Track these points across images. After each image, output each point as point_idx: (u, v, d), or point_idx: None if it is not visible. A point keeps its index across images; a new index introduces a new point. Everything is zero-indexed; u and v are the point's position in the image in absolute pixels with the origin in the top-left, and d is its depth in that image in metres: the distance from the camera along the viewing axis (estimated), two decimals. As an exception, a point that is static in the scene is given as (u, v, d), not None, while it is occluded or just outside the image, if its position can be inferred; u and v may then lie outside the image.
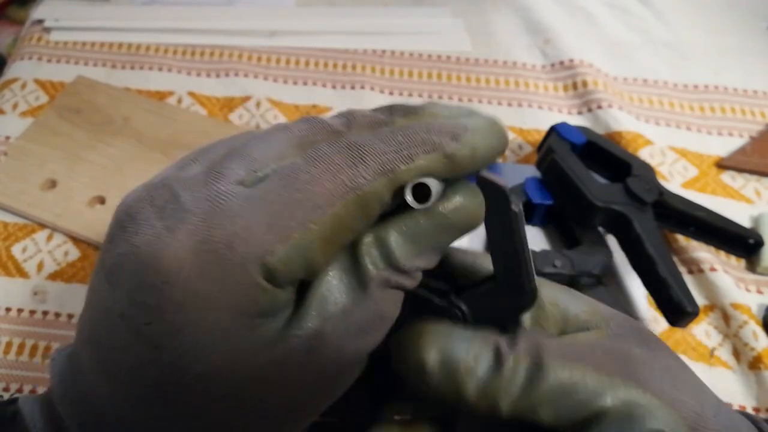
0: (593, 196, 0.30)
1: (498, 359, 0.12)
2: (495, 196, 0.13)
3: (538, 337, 0.13)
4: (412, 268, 0.13)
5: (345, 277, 0.13)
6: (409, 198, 0.13)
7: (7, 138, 0.36)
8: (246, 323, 0.12)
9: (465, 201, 0.14)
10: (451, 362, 0.12)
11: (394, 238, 0.13)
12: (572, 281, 0.29)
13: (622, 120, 0.38)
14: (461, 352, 0.13)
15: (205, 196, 0.12)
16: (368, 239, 0.13)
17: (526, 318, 0.15)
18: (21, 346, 0.29)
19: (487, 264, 0.15)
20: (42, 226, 0.33)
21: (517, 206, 0.13)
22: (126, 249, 0.12)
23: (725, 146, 0.39)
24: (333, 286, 0.13)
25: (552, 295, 0.15)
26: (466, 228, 0.14)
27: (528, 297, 0.14)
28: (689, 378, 0.13)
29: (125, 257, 0.12)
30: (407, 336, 0.13)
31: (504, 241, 0.13)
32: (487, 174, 0.13)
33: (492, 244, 0.14)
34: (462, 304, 0.14)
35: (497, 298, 0.14)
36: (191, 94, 0.39)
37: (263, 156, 0.12)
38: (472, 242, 0.32)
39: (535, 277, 0.14)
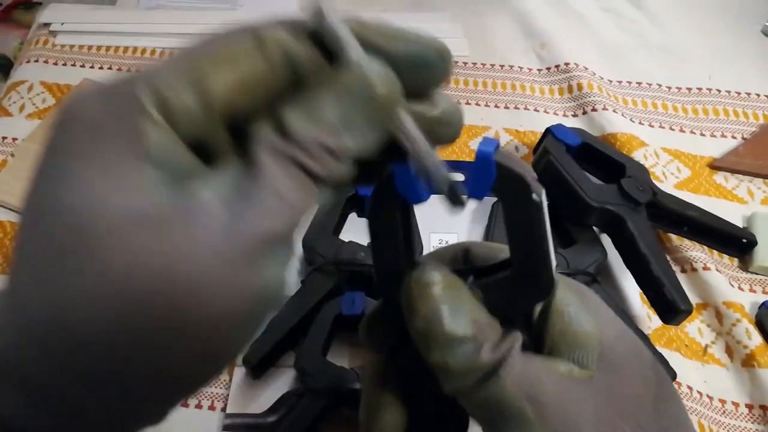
0: (588, 197, 0.30)
1: (474, 354, 0.13)
2: (514, 183, 0.13)
3: (515, 348, 0.13)
4: (311, 139, 0.11)
5: (238, 159, 0.11)
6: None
7: (14, 139, 0.37)
8: (135, 165, 0.10)
9: (378, 69, 0.12)
10: (438, 326, 0.13)
11: (288, 109, 0.11)
12: (568, 279, 0.30)
13: (616, 122, 0.39)
14: (453, 327, 0.13)
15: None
16: (264, 118, 0.12)
17: (536, 310, 0.14)
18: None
19: (506, 253, 0.14)
20: (48, 225, 0.33)
21: (538, 195, 0.13)
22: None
23: (718, 147, 0.39)
24: (228, 164, 0.11)
25: (563, 300, 0.14)
26: (380, 103, 0.12)
27: (544, 288, 0.13)
28: None
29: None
30: (424, 277, 0.13)
31: (523, 230, 0.13)
32: (505, 160, 0.13)
33: (510, 233, 0.13)
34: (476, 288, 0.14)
35: (513, 286, 0.14)
36: (194, 96, 0.40)
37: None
38: (471, 234, 0.33)
39: (555, 269, 0.13)
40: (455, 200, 0.13)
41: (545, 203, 0.13)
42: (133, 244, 0.10)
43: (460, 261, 0.15)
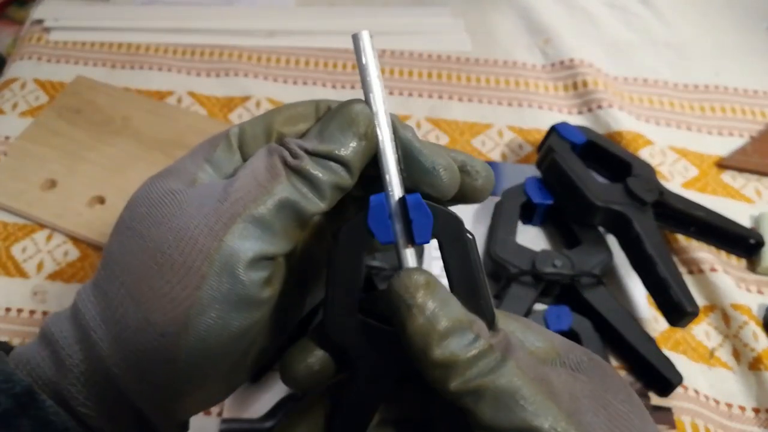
0: (593, 196, 0.30)
1: (475, 339, 0.13)
2: (449, 223, 0.14)
3: (513, 340, 0.14)
4: (293, 143, 0.14)
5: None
6: None
7: (7, 138, 0.36)
8: (200, 163, 0.15)
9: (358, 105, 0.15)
10: (436, 318, 0.13)
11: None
12: (572, 281, 0.29)
13: (622, 120, 0.38)
14: (450, 314, 0.13)
15: None
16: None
17: None
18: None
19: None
20: (42, 226, 0.33)
21: (470, 233, 0.14)
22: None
23: (725, 146, 0.38)
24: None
25: (510, 328, 0.15)
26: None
27: (486, 317, 0.14)
28: (637, 423, 0.13)
29: None
30: (415, 274, 0.14)
31: (460, 267, 0.14)
32: (438, 205, 0.14)
33: (448, 271, 0.14)
34: None
35: None
36: (191, 93, 0.39)
37: None
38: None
39: (493, 305, 0.14)
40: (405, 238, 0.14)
41: (475, 242, 0.14)
42: (159, 205, 0.14)
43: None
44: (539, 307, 0.29)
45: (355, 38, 0.15)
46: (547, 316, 0.28)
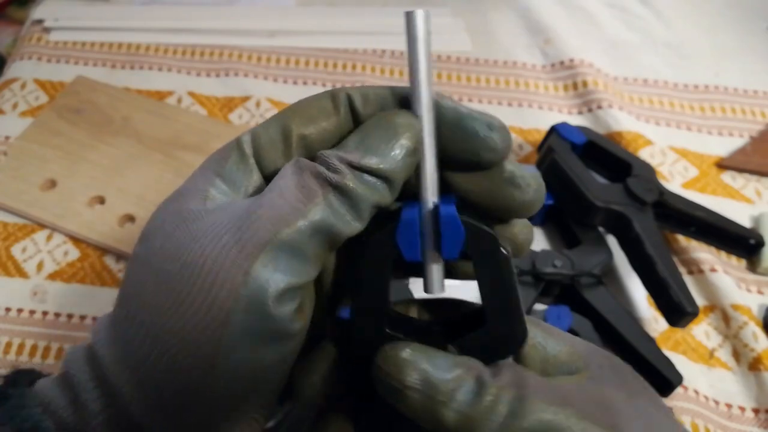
0: (593, 196, 0.30)
1: (480, 387, 0.12)
2: (482, 240, 0.13)
3: (522, 371, 0.13)
4: (330, 155, 0.13)
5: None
6: None
7: (7, 138, 0.36)
8: (210, 178, 0.14)
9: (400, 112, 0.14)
10: (431, 386, 0.12)
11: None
12: (572, 281, 0.29)
13: (622, 120, 0.38)
14: (442, 375, 0.12)
15: None
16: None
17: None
18: (21, 346, 0.29)
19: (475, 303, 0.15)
20: (41, 226, 0.33)
21: (506, 249, 0.13)
22: None
23: (725, 146, 0.38)
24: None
25: (531, 334, 0.14)
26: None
27: (518, 340, 0.14)
28: (666, 424, 0.13)
29: None
30: (388, 353, 0.13)
31: (493, 286, 0.13)
32: (472, 220, 0.13)
33: (481, 286, 0.14)
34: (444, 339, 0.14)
35: (486, 338, 0.14)
36: (191, 93, 0.39)
37: None
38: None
39: (526, 323, 0.14)
40: (426, 282, 0.13)
41: (511, 258, 0.14)
42: (172, 237, 0.13)
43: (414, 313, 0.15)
44: (539, 307, 0.29)
45: (409, 17, 0.13)
46: (547, 316, 0.28)
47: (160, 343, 0.13)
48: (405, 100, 0.14)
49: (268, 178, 0.14)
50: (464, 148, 0.13)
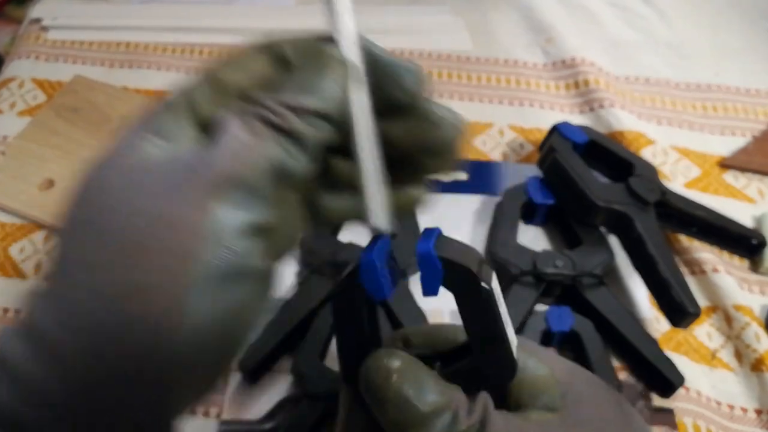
0: (595, 196, 0.30)
1: (454, 423, 0.13)
2: (462, 276, 0.13)
3: (490, 411, 0.13)
4: (271, 100, 0.13)
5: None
6: None
7: (5, 137, 0.36)
8: (145, 135, 0.13)
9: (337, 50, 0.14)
10: (411, 408, 0.13)
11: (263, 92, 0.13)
12: (573, 281, 0.29)
13: (624, 119, 0.38)
14: (424, 400, 0.13)
15: None
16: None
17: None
18: (19, 347, 0.29)
19: (447, 332, 0.16)
20: (40, 226, 0.33)
21: (487, 283, 0.13)
22: None
23: (728, 146, 0.38)
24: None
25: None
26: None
27: (508, 371, 0.14)
28: None
29: None
30: (378, 361, 0.13)
31: (478, 318, 0.13)
32: (449, 253, 0.13)
33: (465, 321, 0.14)
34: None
35: (476, 372, 0.14)
36: (190, 93, 0.39)
37: None
38: (475, 233, 0.32)
39: (515, 354, 0.14)
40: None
41: (497, 288, 0.13)
42: (113, 191, 0.12)
43: (400, 348, 0.15)
44: (540, 307, 0.29)
45: None
46: (549, 316, 0.28)
47: (113, 302, 0.11)
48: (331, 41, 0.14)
49: (203, 129, 0.13)
50: (383, 92, 0.14)
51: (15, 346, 0.12)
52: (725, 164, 0.37)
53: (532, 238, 0.33)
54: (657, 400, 0.28)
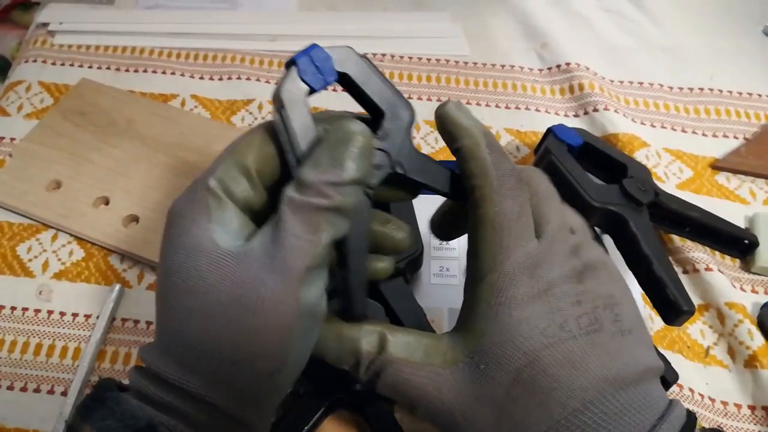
0: (590, 197, 0.30)
1: (382, 341, 0.18)
2: (346, 52, 0.17)
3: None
4: (316, 180, 0.16)
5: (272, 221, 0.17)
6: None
7: (12, 140, 0.37)
8: (206, 225, 0.16)
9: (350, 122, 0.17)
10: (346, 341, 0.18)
11: (302, 167, 0.16)
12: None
13: (618, 122, 0.39)
14: (355, 336, 0.18)
15: None
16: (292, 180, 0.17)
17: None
18: (25, 345, 0.29)
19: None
20: (47, 226, 0.33)
21: (366, 57, 0.17)
22: None
23: (720, 148, 0.39)
24: (270, 221, 0.17)
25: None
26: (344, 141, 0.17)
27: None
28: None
29: None
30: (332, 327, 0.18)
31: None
32: (335, 46, 0.17)
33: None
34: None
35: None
36: (194, 96, 0.40)
37: None
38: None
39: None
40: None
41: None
42: (208, 275, 0.16)
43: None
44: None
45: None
46: None
47: (223, 353, 0.16)
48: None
49: (242, 209, 0.17)
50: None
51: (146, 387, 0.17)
52: (717, 166, 0.38)
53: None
54: (651, 396, 0.28)
